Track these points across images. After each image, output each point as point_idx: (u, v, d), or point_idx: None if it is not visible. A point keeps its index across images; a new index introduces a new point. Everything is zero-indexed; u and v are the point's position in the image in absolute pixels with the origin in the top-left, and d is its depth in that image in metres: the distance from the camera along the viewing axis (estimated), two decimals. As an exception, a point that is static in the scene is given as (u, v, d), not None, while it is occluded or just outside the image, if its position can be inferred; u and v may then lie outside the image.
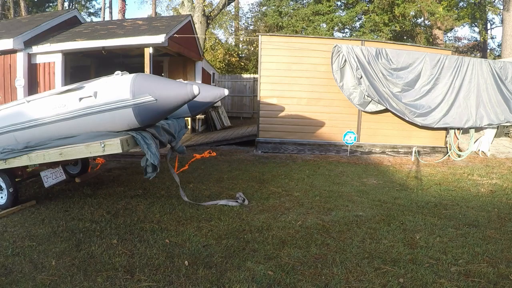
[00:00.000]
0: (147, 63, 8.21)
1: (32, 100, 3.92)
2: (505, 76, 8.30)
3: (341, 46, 7.80)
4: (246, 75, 17.62)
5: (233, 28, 27.44)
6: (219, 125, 12.53)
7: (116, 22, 11.23)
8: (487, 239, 3.59)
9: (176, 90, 3.52)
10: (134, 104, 3.40)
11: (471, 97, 8.15)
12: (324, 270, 2.89)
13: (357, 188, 5.44)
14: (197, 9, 16.31)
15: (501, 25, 17.53)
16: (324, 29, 18.34)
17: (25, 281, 2.70)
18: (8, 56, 8.09)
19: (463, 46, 28.85)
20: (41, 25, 8.71)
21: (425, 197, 5.05)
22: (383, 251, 3.28)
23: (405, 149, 8.36)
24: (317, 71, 8.13)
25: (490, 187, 5.70)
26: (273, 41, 8.28)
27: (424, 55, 7.97)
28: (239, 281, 2.71)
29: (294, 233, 3.64)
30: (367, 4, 18.70)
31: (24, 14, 22.22)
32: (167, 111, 3.65)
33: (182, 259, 3.05)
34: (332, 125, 8.29)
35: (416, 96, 8.03)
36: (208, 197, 4.85)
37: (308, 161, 7.52)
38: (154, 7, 27.89)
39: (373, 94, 7.72)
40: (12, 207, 4.24)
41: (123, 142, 3.39)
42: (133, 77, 3.52)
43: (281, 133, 8.34)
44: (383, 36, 17.79)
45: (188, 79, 11.51)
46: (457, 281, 2.79)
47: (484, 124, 8.21)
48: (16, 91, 8.03)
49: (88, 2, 33.22)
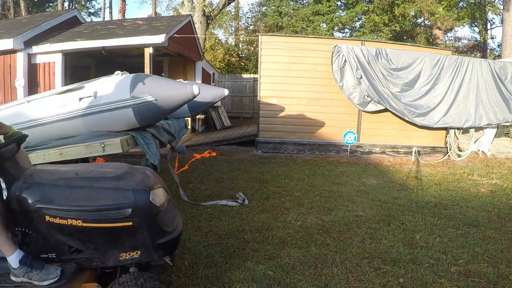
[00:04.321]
0: (147, 63, 8.21)
1: (32, 100, 3.92)
2: (505, 76, 8.30)
3: (341, 46, 7.80)
4: (246, 75, 17.62)
5: (233, 28, 27.44)
6: (219, 125, 12.53)
7: (116, 22, 11.25)
8: (487, 239, 3.59)
9: (176, 90, 3.51)
10: (134, 104, 3.40)
11: (471, 97, 8.15)
12: (324, 270, 2.89)
13: (357, 188, 5.44)
14: (197, 9, 16.31)
15: (501, 25, 17.54)
16: (324, 29, 18.35)
17: (25, 281, 2.69)
18: (8, 56, 8.09)
19: (463, 46, 28.86)
20: (41, 25, 8.72)
21: (425, 197, 5.05)
22: (383, 251, 3.28)
23: (405, 149, 8.36)
24: (317, 71, 8.14)
25: (490, 187, 5.70)
26: (273, 41, 8.28)
27: (424, 55, 7.97)
28: (239, 281, 2.71)
29: (294, 233, 3.63)
30: (367, 4, 18.70)
31: (24, 14, 22.23)
32: (167, 111, 3.65)
33: (182, 259, 3.05)
34: (332, 125, 8.29)
35: (415, 96, 8.03)
36: (208, 197, 4.85)
37: (308, 161, 7.52)
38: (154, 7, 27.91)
39: (373, 94, 7.72)
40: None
41: (123, 142, 3.39)
42: (133, 77, 3.52)
43: (281, 133, 8.34)
44: (383, 36, 17.80)
45: (188, 79, 11.51)
46: (457, 281, 2.79)
47: (483, 124, 8.21)
48: (16, 91, 8.03)
49: (88, 2, 33.25)
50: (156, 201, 2.05)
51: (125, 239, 2.02)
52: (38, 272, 1.98)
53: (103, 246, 2.03)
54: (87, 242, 2.01)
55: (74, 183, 2.03)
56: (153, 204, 2.03)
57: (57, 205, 1.95)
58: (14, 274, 1.98)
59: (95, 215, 1.96)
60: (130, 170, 2.18)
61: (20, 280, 1.98)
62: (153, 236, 2.06)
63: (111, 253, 2.05)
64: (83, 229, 1.96)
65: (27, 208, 1.95)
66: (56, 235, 1.99)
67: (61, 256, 2.04)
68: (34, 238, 2.01)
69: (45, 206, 1.94)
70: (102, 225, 1.97)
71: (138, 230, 2.01)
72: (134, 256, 2.07)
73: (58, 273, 2.00)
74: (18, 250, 1.98)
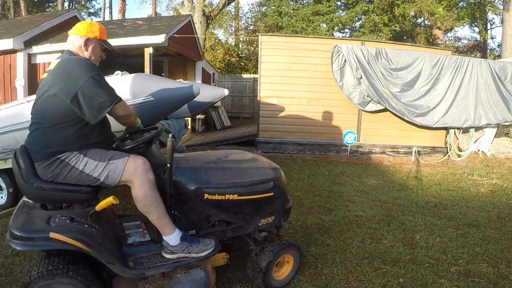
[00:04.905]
0: (147, 63, 8.21)
1: (32, 100, 3.90)
2: (504, 76, 8.31)
3: (341, 46, 7.81)
4: (246, 75, 17.62)
5: (233, 28, 27.45)
6: (219, 125, 12.53)
7: (116, 22, 11.25)
8: (487, 239, 3.60)
9: (176, 90, 3.52)
10: (134, 104, 3.40)
11: (470, 97, 8.15)
12: (324, 270, 2.89)
13: (357, 188, 5.44)
14: (197, 9, 16.31)
15: (501, 25, 17.53)
16: (324, 29, 18.35)
17: (25, 281, 2.70)
18: (8, 56, 8.09)
19: (463, 46, 28.87)
20: (41, 25, 8.71)
21: (425, 197, 5.05)
22: (383, 251, 3.29)
23: (405, 149, 8.36)
24: (317, 71, 8.14)
25: (490, 187, 5.70)
26: (273, 41, 8.28)
27: (424, 55, 7.97)
28: (239, 281, 2.71)
29: (294, 233, 3.63)
30: (367, 4, 18.70)
31: (24, 14, 22.24)
32: (167, 111, 3.65)
33: (182, 259, 3.05)
34: (332, 125, 8.29)
35: (415, 96, 8.04)
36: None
37: (308, 161, 7.52)
38: (154, 7, 27.92)
39: (373, 94, 7.72)
40: (12, 207, 4.24)
41: (123, 142, 3.39)
42: (133, 77, 3.52)
43: (281, 133, 8.33)
44: (383, 36, 17.80)
45: (188, 79, 11.51)
46: (457, 281, 2.79)
47: (483, 124, 8.21)
48: (16, 91, 8.03)
49: (88, 2, 33.26)
50: (283, 175, 2.70)
51: (265, 208, 2.53)
52: (197, 245, 2.24)
53: (249, 215, 2.47)
54: (238, 213, 2.43)
55: (223, 166, 2.45)
56: (283, 178, 2.69)
57: (215, 184, 2.31)
58: (170, 251, 2.20)
59: (248, 189, 2.40)
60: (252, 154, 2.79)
61: (177, 256, 2.20)
62: (283, 203, 2.64)
63: (254, 220, 2.52)
64: (237, 202, 2.38)
65: (184, 190, 2.26)
66: (210, 211, 2.35)
67: (200, 231, 2.38)
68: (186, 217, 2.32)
69: (204, 186, 2.28)
70: (253, 197, 2.43)
71: (275, 199, 2.56)
72: (269, 222, 2.61)
73: (213, 243, 2.30)
74: (177, 229, 2.21)
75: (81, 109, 2.00)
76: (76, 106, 1.99)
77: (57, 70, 2.07)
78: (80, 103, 1.99)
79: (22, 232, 1.91)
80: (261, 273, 2.49)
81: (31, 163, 2.06)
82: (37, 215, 2.05)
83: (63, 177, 2.07)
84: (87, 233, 1.99)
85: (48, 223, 1.97)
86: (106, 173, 2.10)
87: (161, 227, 2.17)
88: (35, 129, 2.08)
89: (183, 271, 2.21)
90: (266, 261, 2.48)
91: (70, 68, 2.04)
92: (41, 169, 2.05)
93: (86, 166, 2.08)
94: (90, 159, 2.10)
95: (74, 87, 1.98)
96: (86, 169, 2.08)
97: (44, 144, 2.04)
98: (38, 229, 1.94)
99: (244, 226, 2.49)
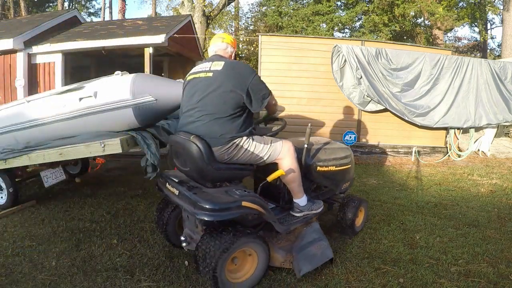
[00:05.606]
0: (147, 63, 8.20)
1: (32, 100, 3.91)
2: (505, 76, 8.31)
3: (341, 46, 7.80)
4: (246, 75, 17.57)
5: (233, 28, 27.42)
6: (219, 125, 12.50)
7: (116, 22, 11.23)
8: (487, 239, 3.60)
9: (176, 90, 3.51)
10: (134, 104, 3.40)
11: (470, 97, 8.15)
12: (324, 270, 2.89)
13: (357, 188, 5.43)
14: (197, 9, 16.30)
15: (501, 25, 17.53)
16: (324, 29, 18.34)
17: (25, 281, 2.70)
18: (8, 56, 8.08)
19: (463, 46, 28.87)
20: (41, 25, 8.71)
21: (425, 197, 5.05)
22: (383, 251, 3.28)
23: (405, 149, 8.36)
24: (317, 71, 8.14)
25: (490, 187, 5.70)
26: (273, 41, 8.28)
27: (424, 55, 7.97)
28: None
29: (294, 233, 3.63)
30: (367, 4, 18.70)
31: (24, 14, 22.24)
32: (167, 111, 3.65)
33: (182, 259, 3.06)
34: (332, 125, 8.29)
35: (415, 96, 8.04)
36: (208, 197, 4.84)
37: (308, 161, 7.50)
38: (154, 7, 27.91)
39: (373, 94, 7.72)
40: (12, 207, 4.24)
41: (123, 142, 3.39)
42: (133, 77, 3.51)
43: (281, 133, 8.30)
44: (383, 36, 17.79)
45: (188, 79, 11.47)
46: (457, 281, 2.79)
47: (483, 124, 8.22)
48: (16, 91, 8.02)
49: (88, 2, 33.25)
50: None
51: (346, 176, 3.45)
52: (316, 204, 3.02)
53: (339, 181, 3.40)
54: (333, 179, 3.32)
55: (322, 147, 3.25)
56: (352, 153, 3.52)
57: (323, 159, 3.15)
58: (299, 210, 2.92)
59: (340, 162, 3.26)
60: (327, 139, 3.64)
61: (303, 214, 2.94)
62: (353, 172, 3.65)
63: (340, 185, 3.45)
64: (334, 172, 3.23)
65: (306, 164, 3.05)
66: (319, 179, 3.19)
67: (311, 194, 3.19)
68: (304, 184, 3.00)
69: (317, 161, 3.11)
70: (342, 168, 3.31)
71: (351, 169, 3.50)
72: (346, 186, 3.57)
73: (321, 202, 3.13)
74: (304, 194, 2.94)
75: (250, 101, 2.56)
76: (247, 99, 2.54)
77: (227, 71, 2.56)
78: (250, 96, 2.56)
79: (216, 205, 2.32)
80: (350, 222, 3.45)
81: (209, 149, 2.48)
82: (216, 192, 2.52)
83: (237, 158, 2.60)
84: (259, 201, 2.54)
85: (233, 196, 2.44)
86: (270, 153, 2.69)
87: (297, 193, 2.86)
88: (210, 120, 2.51)
89: (304, 226, 2.98)
90: (352, 212, 3.45)
91: (239, 69, 2.60)
92: (219, 153, 2.52)
93: (256, 148, 2.64)
94: (257, 142, 2.66)
95: (245, 83, 2.53)
96: (256, 151, 2.64)
97: (223, 131, 2.50)
98: (231, 201, 2.39)
99: (334, 189, 3.41)
